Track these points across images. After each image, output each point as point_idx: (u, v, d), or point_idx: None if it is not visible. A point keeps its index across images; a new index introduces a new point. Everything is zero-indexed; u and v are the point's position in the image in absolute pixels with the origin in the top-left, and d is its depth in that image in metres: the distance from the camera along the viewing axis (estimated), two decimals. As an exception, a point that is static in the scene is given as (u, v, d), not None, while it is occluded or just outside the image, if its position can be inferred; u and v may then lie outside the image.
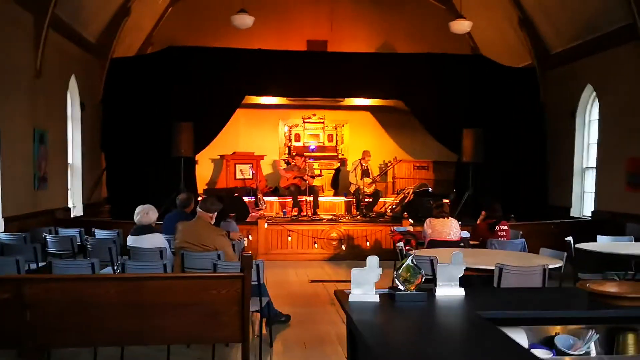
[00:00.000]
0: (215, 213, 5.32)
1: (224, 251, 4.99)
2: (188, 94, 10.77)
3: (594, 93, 10.10)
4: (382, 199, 11.85)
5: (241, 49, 11.17)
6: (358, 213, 11.33)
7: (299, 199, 11.21)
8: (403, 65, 11.45)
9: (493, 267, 4.57)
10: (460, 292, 1.91)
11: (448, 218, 6.67)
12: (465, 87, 11.21)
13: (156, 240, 5.32)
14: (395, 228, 8.19)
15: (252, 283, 4.65)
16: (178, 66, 10.88)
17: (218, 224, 6.11)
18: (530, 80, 11.41)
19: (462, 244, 6.45)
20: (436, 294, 1.99)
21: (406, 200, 11.12)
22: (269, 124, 13.66)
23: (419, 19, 13.25)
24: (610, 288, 1.81)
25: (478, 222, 6.95)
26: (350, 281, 2.62)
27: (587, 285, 1.82)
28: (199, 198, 11.15)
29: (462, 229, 7.16)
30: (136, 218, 5.35)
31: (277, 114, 13.63)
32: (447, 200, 11.22)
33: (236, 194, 11.37)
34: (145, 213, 5.29)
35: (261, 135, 13.61)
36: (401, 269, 1.94)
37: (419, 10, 13.33)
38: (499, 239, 6.43)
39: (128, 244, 5.36)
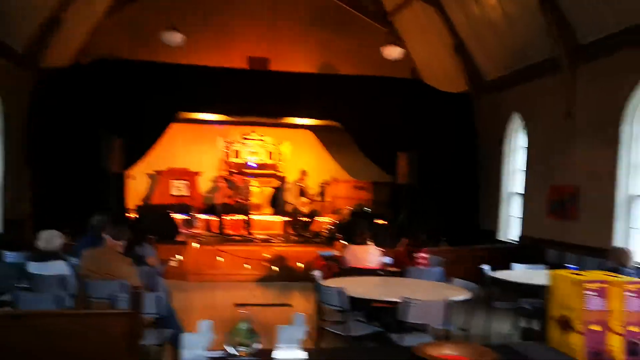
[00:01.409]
0: (123, 241, 5.16)
1: (129, 281, 4.84)
2: (120, 108, 10.52)
3: (521, 121, 10.37)
4: (319, 219, 11.92)
5: (176, 64, 10.99)
6: (294, 233, 11.33)
7: (227, 218, 11.19)
8: (341, 86, 11.53)
9: (399, 300, 4.59)
10: (301, 356, 1.84)
11: (368, 244, 6.70)
12: (402, 111, 11.34)
13: (59, 267, 5.12)
14: (320, 252, 8.13)
15: (155, 315, 4.54)
16: (110, 79, 10.61)
17: (132, 249, 5.96)
18: (465, 106, 11.68)
19: (381, 272, 6.47)
20: (275, 357, 1.92)
21: (342, 221, 11.23)
22: (207, 139, 13.51)
23: (361, 40, 13.36)
24: (449, 350, 1.81)
25: (399, 248, 7.05)
26: (277, 305, 2.49)
27: (423, 350, 1.81)
28: (130, 215, 10.96)
29: (388, 254, 7.30)
30: (39, 244, 5.14)
31: (216, 130, 13.50)
32: (384, 222, 11.45)
33: (169, 212, 11.20)
34: (47, 240, 5.09)
35: (199, 151, 13.46)
36: (232, 332, 1.88)
37: (360, 31, 13.50)
38: (418, 266, 6.50)
39: (29, 270, 5.14)
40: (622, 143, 7.59)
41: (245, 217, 11.26)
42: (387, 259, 7.12)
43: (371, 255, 6.55)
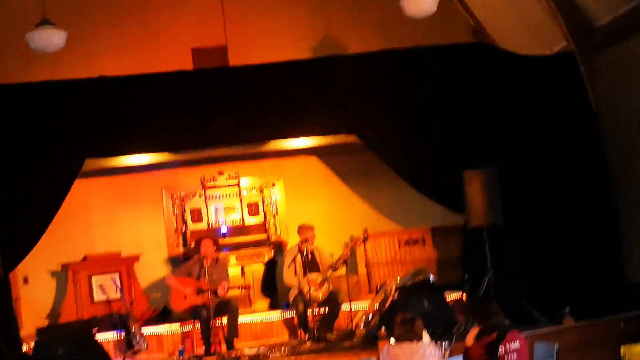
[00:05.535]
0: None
1: None
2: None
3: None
4: (348, 306, 11.60)
5: (76, 81, 11.11)
6: (307, 336, 11.20)
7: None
8: (354, 74, 11.53)
9: None
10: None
11: (417, 342, 6.66)
12: (462, 99, 11.37)
13: None
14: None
15: None
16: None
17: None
18: (569, 74, 11.63)
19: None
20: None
21: (387, 304, 11.04)
22: (143, 198, 13.66)
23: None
24: None
25: (468, 342, 6.93)
26: None
27: None
28: (30, 344, 10.86)
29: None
30: None
31: (157, 180, 13.62)
32: (461, 295, 11.25)
33: (92, 331, 11.13)
34: None
35: (132, 220, 13.58)
36: None
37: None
38: (508, 368, 6.45)
39: None
40: None
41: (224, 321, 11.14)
42: (459, 360, 7.14)
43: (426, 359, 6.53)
